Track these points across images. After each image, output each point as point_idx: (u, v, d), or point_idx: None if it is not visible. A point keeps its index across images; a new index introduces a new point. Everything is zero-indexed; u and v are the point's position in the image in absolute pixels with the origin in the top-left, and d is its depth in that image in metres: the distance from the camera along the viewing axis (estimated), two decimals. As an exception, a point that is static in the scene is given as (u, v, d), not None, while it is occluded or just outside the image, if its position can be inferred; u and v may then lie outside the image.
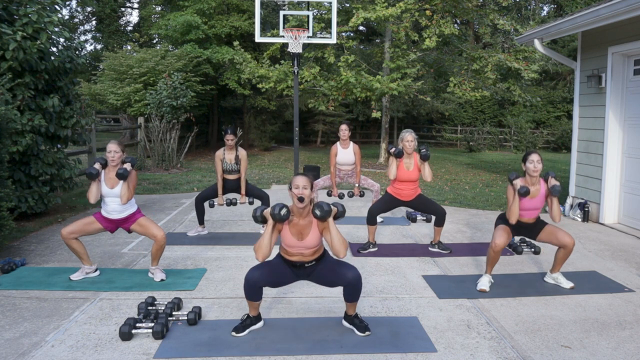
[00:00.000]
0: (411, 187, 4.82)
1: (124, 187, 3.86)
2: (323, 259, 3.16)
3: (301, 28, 8.38)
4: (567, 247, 3.85)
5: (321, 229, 3.04)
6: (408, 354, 2.89)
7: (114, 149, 3.89)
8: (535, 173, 3.78)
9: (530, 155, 3.79)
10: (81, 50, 6.79)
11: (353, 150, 5.93)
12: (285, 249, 3.08)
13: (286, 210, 2.93)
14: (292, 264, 3.10)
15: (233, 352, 2.88)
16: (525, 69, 12.67)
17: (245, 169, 5.45)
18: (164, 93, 12.09)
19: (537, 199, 3.84)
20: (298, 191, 2.95)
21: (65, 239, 3.91)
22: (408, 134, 4.76)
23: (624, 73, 6.24)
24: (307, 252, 3.06)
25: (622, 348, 3.00)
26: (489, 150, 20.98)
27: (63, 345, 2.95)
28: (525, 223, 3.95)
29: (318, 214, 2.92)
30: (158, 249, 4.00)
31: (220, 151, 5.42)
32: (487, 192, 9.20)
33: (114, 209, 3.95)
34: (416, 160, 4.80)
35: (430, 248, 5.02)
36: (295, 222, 3.03)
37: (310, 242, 3.02)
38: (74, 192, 7.73)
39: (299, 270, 3.12)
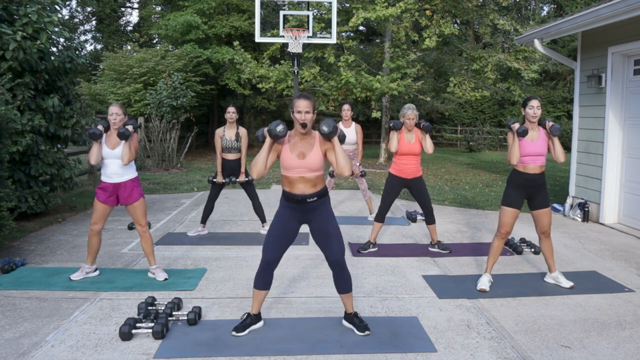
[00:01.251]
0: (413, 161, 4.78)
1: (125, 147, 3.88)
2: (325, 198, 3.07)
3: (301, 28, 8.39)
4: (542, 235, 3.95)
5: (324, 150, 2.98)
6: (408, 354, 2.89)
7: (115, 112, 3.92)
8: (534, 119, 3.80)
9: (530, 101, 3.81)
10: (81, 50, 6.79)
11: (355, 129, 5.96)
12: (287, 176, 2.99)
13: (282, 126, 2.88)
14: (294, 199, 2.99)
15: (233, 352, 2.88)
16: (525, 69, 12.68)
17: (246, 147, 5.41)
18: (164, 93, 12.10)
19: (538, 142, 3.83)
20: (300, 116, 2.90)
21: (94, 233, 3.99)
22: (410, 111, 4.72)
23: (624, 73, 6.24)
24: (309, 176, 2.96)
25: (622, 348, 3.00)
26: (489, 150, 20.98)
27: (63, 345, 2.95)
28: (531, 175, 3.86)
29: (325, 130, 2.86)
30: (146, 243, 4.05)
31: (220, 129, 5.39)
32: (487, 192, 9.20)
33: (113, 172, 3.95)
34: (417, 134, 4.79)
35: (430, 248, 5.02)
36: (295, 143, 2.98)
37: (311, 162, 2.94)
38: (74, 192, 7.73)
39: (302, 206, 3.01)
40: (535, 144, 3.82)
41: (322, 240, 3.06)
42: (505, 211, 3.92)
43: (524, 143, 3.82)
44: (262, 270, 3.08)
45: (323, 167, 3.02)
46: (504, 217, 3.92)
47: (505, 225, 3.91)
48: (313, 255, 4.74)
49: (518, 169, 3.89)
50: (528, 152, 3.82)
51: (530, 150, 3.82)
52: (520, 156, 3.83)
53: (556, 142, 3.82)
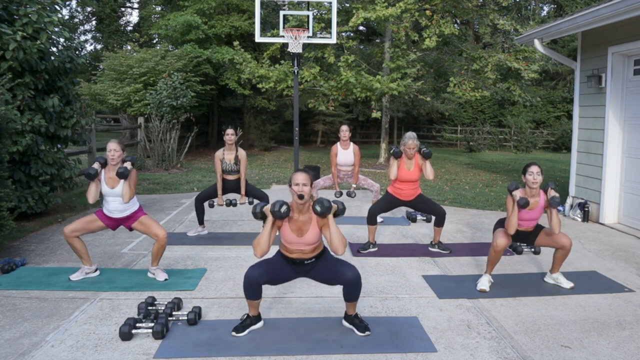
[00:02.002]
0: (411, 187, 4.83)
1: (125, 186, 3.86)
2: (323, 257, 3.16)
3: (301, 28, 8.38)
4: (565, 248, 3.86)
5: (320, 226, 3.04)
6: (408, 354, 2.89)
7: (113, 148, 3.89)
8: (535, 185, 3.77)
9: (530, 167, 3.79)
10: (81, 50, 6.79)
11: (353, 151, 5.95)
12: (285, 245, 3.08)
13: (286, 207, 2.93)
14: (291, 261, 3.10)
15: (233, 352, 2.88)
16: (525, 69, 12.68)
17: (245, 170, 5.45)
18: (164, 93, 12.10)
19: (536, 210, 3.85)
20: (298, 188, 2.95)
21: (67, 238, 3.91)
22: (411, 140, 4.73)
23: (624, 73, 6.24)
24: (306, 249, 3.06)
25: (622, 348, 3.00)
26: (489, 150, 20.98)
27: (63, 345, 2.95)
28: (523, 231, 3.97)
29: (318, 210, 2.92)
30: (159, 248, 4.01)
31: (219, 151, 5.42)
32: (487, 192, 9.20)
33: (115, 208, 3.95)
34: (417, 161, 4.80)
35: (430, 248, 5.02)
36: (295, 219, 3.03)
37: (309, 239, 3.02)
38: (74, 192, 7.73)
39: (299, 267, 3.12)
40: (532, 212, 3.85)
41: (332, 278, 3.11)
42: (501, 231, 3.94)
43: (522, 210, 3.82)
44: (247, 285, 3.04)
45: (321, 239, 3.11)
46: (498, 235, 3.90)
47: (500, 245, 3.86)
48: (313, 255, 4.74)
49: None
50: (524, 218, 3.86)
51: (526, 216, 3.86)
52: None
53: (554, 213, 3.79)
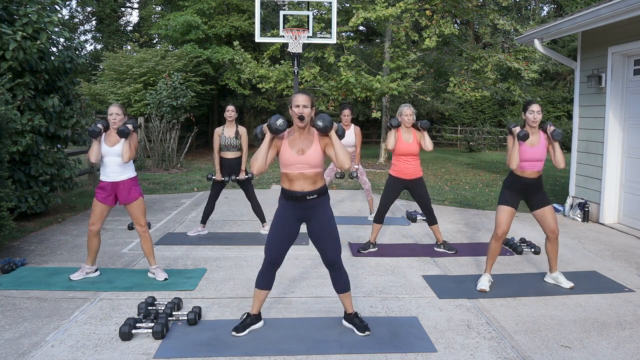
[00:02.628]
0: (412, 162, 4.77)
1: (125, 145, 3.89)
2: (324, 198, 3.06)
3: (301, 28, 8.39)
4: (552, 235, 3.89)
5: (323, 145, 2.98)
6: (408, 354, 2.89)
7: (115, 112, 3.94)
8: (534, 124, 3.78)
9: (531, 105, 3.79)
10: (81, 50, 6.79)
11: (354, 132, 5.99)
12: (286, 173, 2.98)
13: (282, 121, 2.87)
14: (293, 196, 2.98)
15: (233, 352, 2.88)
16: (525, 69, 12.68)
17: (247, 145, 5.37)
18: (164, 93, 12.10)
19: (538, 147, 3.82)
20: (298, 110, 2.90)
21: (93, 234, 3.99)
22: (407, 107, 4.72)
23: (624, 73, 6.24)
24: (308, 173, 2.95)
25: (622, 348, 3.00)
26: (489, 150, 20.98)
27: (63, 345, 2.95)
28: (528, 180, 3.87)
29: (320, 125, 2.86)
30: (145, 242, 4.05)
31: (219, 127, 5.37)
32: (487, 192, 9.20)
33: (112, 170, 3.95)
34: (415, 134, 4.78)
35: (436, 248, 5.01)
36: (295, 138, 2.98)
37: (311, 158, 2.93)
38: (74, 192, 7.73)
39: (301, 204, 3.00)
40: (535, 149, 3.81)
41: (319, 241, 3.06)
42: (502, 210, 3.91)
43: (524, 148, 3.81)
44: (265, 271, 3.08)
45: (323, 164, 3.02)
46: (500, 216, 3.90)
47: (502, 224, 3.88)
48: (313, 255, 4.74)
49: (515, 173, 3.89)
50: (527, 158, 3.81)
51: (529, 155, 3.81)
52: (519, 161, 3.82)
53: (557, 147, 3.80)
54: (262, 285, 3.11)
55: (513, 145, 3.78)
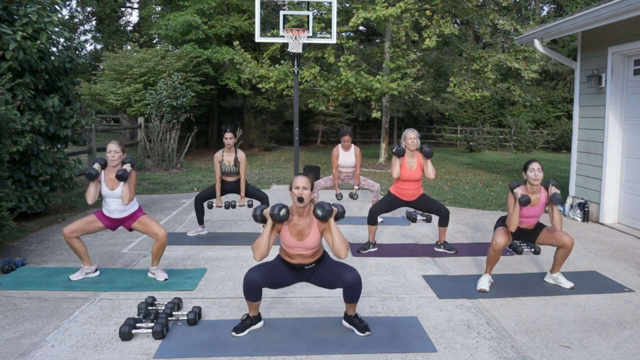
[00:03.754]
0: (414, 186, 4.81)
1: (124, 188, 3.84)
2: (323, 261, 3.14)
3: (301, 28, 8.37)
4: (566, 247, 3.86)
5: (321, 230, 3.03)
6: (408, 354, 2.89)
7: (114, 149, 3.88)
8: (535, 182, 3.78)
9: (531, 164, 3.80)
10: (81, 50, 6.79)
11: (354, 153, 5.97)
12: (285, 250, 3.07)
13: (285, 210, 2.92)
14: (292, 266, 3.09)
15: (233, 352, 2.88)
16: (525, 69, 12.68)
17: (245, 171, 5.43)
18: (164, 93, 12.09)
19: (537, 207, 3.85)
20: (298, 192, 2.94)
21: (66, 238, 3.91)
22: (411, 132, 4.77)
23: (624, 73, 6.24)
24: (307, 253, 3.04)
25: (622, 348, 3.00)
26: (489, 150, 20.98)
27: (63, 345, 2.95)
28: (524, 229, 3.97)
29: (320, 214, 2.91)
30: (159, 247, 4.00)
31: (219, 153, 5.40)
32: (487, 192, 9.20)
33: (115, 209, 3.95)
34: (419, 160, 4.80)
35: (436, 248, 5.02)
36: (295, 223, 3.02)
37: (310, 243, 3.01)
38: (74, 192, 7.73)
39: (299, 272, 3.11)
40: (534, 209, 3.85)
41: (332, 282, 3.09)
42: (500, 230, 3.94)
43: (523, 208, 3.82)
44: (247, 288, 3.04)
45: (321, 243, 3.09)
46: (498, 235, 3.89)
47: (500, 244, 3.87)
48: (313, 255, 4.74)
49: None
50: (524, 215, 3.86)
51: (527, 213, 3.86)
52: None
53: (555, 209, 3.80)
54: (250, 298, 3.09)
55: (514, 207, 3.77)
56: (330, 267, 3.11)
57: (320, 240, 3.06)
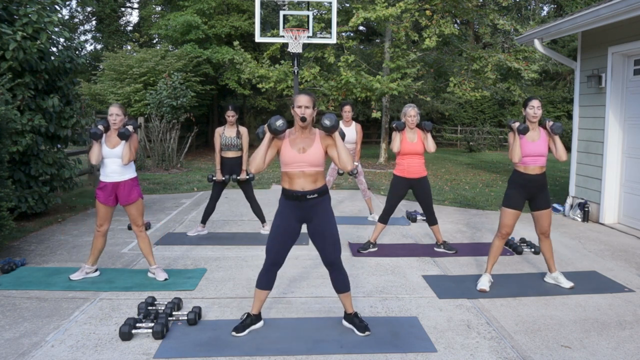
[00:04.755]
0: (417, 161, 4.79)
1: (125, 147, 3.88)
2: (324, 197, 3.05)
3: (301, 28, 8.38)
4: (541, 235, 3.95)
5: (325, 146, 2.99)
6: (408, 354, 2.89)
7: (115, 112, 3.93)
8: (534, 119, 3.80)
9: (531, 101, 3.81)
10: (81, 50, 6.79)
11: (355, 129, 6.04)
12: (287, 171, 2.98)
13: (282, 121, 2.88)
14: (294, 195, 2.98)
15: (233, 352, 2.88)
16: (525, 69, 12.68)
17: (247, 145, 5.39)
18: (164, 93, 12.10)
19: (539, 142, 3.83)
20: (300, 110, 2.92)
21: (100, 235, 4.01)
22: (411, 108, 4.76)
23: (624, 73, 6.24)
24: (309, 171, 2.95)
25: (622, 348, 3.00)
26: (489, 150, 20.98)
27: (63, 345, 2.95)
28: (532, 176, 3.86)
29: (327, 124, 2.88)
30: (142, 243, 4.06)
31: (220, 128, 5.40)
32: (487, 192, 9.20)
33: (113, 170, 3.95)
34: (419, 134, 4.80)
35: (436, 248, 5.01)
36: (297, 137, 2.99)
37: (312, 156, 2.94)
38: (74, 192, 7.74)
39: (301, 203, 2.99)
40: (536, 144, 3.82)
41: (319, 241, 3.06)
42: (506, 212, 3.91)
43: (525, 143, 3.82)
44: (266, 271, 3.08)
45: (323, 164, 3.02)
46: (504, 218, 3.91)
47: (506, 227, 3.91)
48: (313, 255, 4.74)
49: (519, 170, 3.89)
50: (529, 153, 3.82)
51: (530, 150, 3.82)
52: (522, 156, 3.83)
53: (557, 140, 3.82)
54: (262, 285, 3.11)
55: (514, 140, 3.81)
56: (327, 218, 3.04)
57: (323, 156, 2.98)
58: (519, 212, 3.91)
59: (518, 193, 3.89)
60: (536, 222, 3.99)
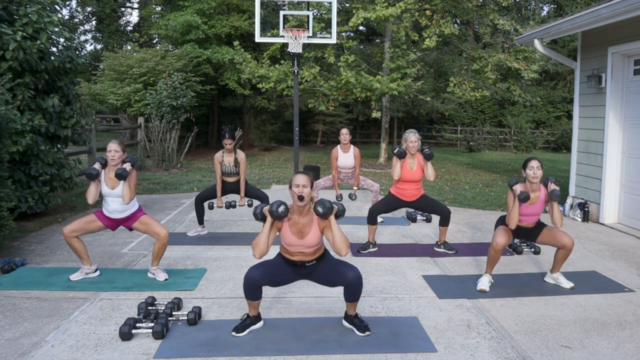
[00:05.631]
0: (414, 187, 4.82)
1: (125, 187, 3.84)
2: (324, 258, 3.15)
3: (301, 28, 8.38)
4: (566, 247, 3.86)
5: (322, 228, 3.03)
6: (408, 354, 2.89)
7: (114, 149, 3.87)
8: (535, 180, 3.79)
9: (530, 162, 3.81)
10: (81, 50, 6.79)
11: (353, 153, 5.97)
12: (286, 248, 3.07)
13: (284, 207, 2.92)
14: (292, 263, 3.09)
15: (233, 352, 2.88)
16: (525, 69, 12.67)
17: (245, 172, 5.45)
18: (164, 93, 12.09)
19: (536, 204, 3.85)
20: (298, 190, 2.94)
21: (66, 238, 3.90)
22: (412, 134, 4.77)
23: (624, 73, 6.24)
24: (307, 251, 3.05)
25: (622, 348, 3.00)
26: (489, 150, 20.98)
27: (63, 345, 2.95)
28: (525, 227, 3.97)
29: (320, 211, 2.92)
30: (161, 247, 4.00)
31: (219, 153, 5.42)
32: (487, 192, 9.20)
33: (115, 209, 3.94)
34: (419, 161, 4.81)
35: (436, 248, 5.02)
36: (296, 221, 3.02)
37: (310, 241, 3.01)
38: (74, 192, 7.73)
39: (300, 269, 3.11)
40: (534, 207, 3.85)
41: (333, 279, 3.10)
42: (501, 229, 3.94)
43: (523, 205, 3.82)
44: (247, 286, 3.04)
45: (322, 241, 3.09)
46: (498, 237, 3.89)
47: (500, 243, 3.87)
48: (313, 255, 4.74)
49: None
50: (525, 213, 3.86)
51: (527, 211, 3.85)
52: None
53: (555, 206, 3.80)
54: (250, 297, 3.09)
55: (513, 204, 3.78)
56: (331, 265, 3.12)
57: (321, 238, 3.06)
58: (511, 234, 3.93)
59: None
60: (553, 244, 3.95)
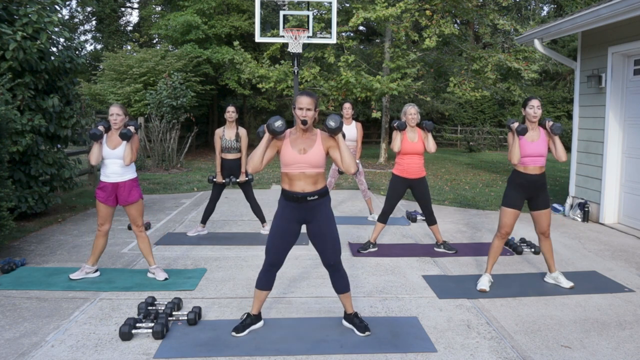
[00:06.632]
0: (417, 161, 4.79)
1: (127, 148, 3.87)
2: (325, 199, 3.03)
3: (301, 28, 8.39)
4: (541, 236, 3.95)
5: (326, 147, 2.96)
6: (408, 354, 2.89)
7: (116, 112, 3.91)
8: (534, 118, 3.79)
9: (531, 101, 3.81)
10: (81, 50, 6.79)
11: (356, 127, 6.08)
12: (287, 172, 2.95)
13: (281, 122, 2.85)
14: (294, 197, 2.96)
15: (233, 352, 2.88)
16: (525, 69, 12.68)
17: (246, 148, 5.42)
18: (164, 93, 12.10)
19: (538, 142, 3.82)
20: (302, 113, 2.88)
21: (102, 235, 4.01)
22: (411, 107, 4.77)
23: (624, 73, 6.24)
24: (309, 172, 2.93)
25: (622, 348, 3.00)
26: (489, 150, 20.98)
27: (63, 345, 2.95)
28: (532, 176, 3.85)
29: (333, 124, 2.84)
30: (143, 244, 4.06)
31: (220, 129, 5.40)
32: (487, 192, 9.20)
33: (113, 171, 3.94)
34: (420, 133, 4.80)
35: (436, 248, 5.01)
36: (297, 138, 2.96)
37: (313, 157, 2.91)
38: (74, 192, 7.74)
39: (301, 205, 2.97)
40: (536, 144, 3.82)
41: (319, 243, 3.05)
42: (506, 212, 3.91)
43: (524, 143, 3.82)
44: (265, 272, 3.08)
45: (324, 165, 2.99)
46: (504, 218, 3.91)
47: (506, 226, 3.91)
48: (313, 255, 4.74)
49: (518, 170, 3.89)
50: (528, 153, 3.82)
51: (530, 150, 3.81)
52: (521, 157, 3.82)
53: (557, 141, 3.81)
54: (262, 285, 3.11)
55: (513, 140, 3.80)
56: (327, 220, 3.02)
57: (324, 158, 2.95)
58: (518, 212, 3.90)
59: (517, 193, 3.89)
60: (536, 222, 3.99)
